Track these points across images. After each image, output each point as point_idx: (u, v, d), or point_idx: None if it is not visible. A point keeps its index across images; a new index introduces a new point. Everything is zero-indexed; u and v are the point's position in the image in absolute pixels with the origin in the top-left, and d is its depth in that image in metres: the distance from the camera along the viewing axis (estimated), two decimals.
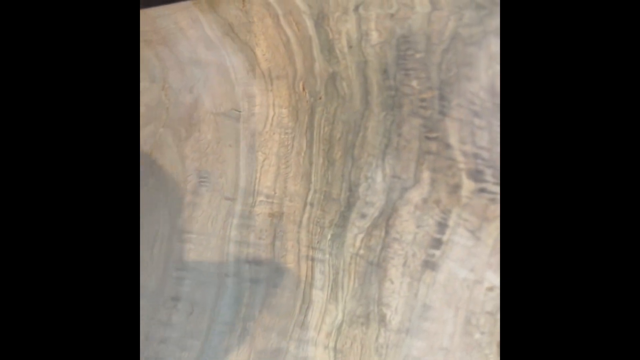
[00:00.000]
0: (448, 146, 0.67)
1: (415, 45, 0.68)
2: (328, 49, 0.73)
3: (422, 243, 0.70)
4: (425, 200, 0.69)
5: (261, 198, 0.77)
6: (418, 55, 0.68)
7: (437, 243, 0.69)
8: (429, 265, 0.69)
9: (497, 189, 0.65)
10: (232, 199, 0.78)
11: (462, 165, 0.67)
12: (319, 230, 0.75)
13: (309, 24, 0.74)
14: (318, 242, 0.75)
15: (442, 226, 0.69)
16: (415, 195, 0.70)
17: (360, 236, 0.73)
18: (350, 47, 0.72)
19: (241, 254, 0.77)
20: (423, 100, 0.69)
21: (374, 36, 0.70)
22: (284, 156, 0.77)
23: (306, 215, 0.76)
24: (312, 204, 0.76)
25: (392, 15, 0.69)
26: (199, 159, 0.79)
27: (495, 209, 0.66)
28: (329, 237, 0.74)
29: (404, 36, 0.69)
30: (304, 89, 0.75)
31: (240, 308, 0.76)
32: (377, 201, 0.72)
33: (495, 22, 0.65)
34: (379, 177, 0.72)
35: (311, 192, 0.76)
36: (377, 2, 0.70)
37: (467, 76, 0.66)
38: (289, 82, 0.76)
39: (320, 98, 0.75)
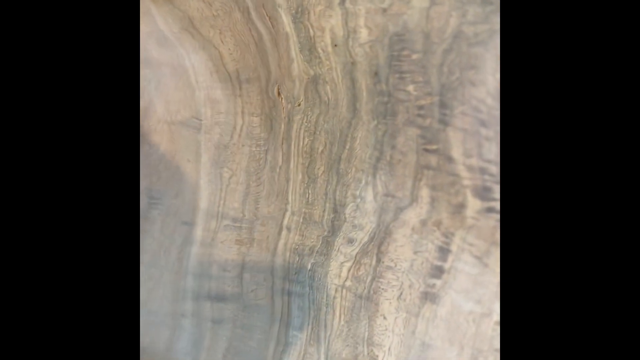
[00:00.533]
0: (450, 160, 0.61)
1: (411, 44, 0.62)
2: (309, 48, 0.66)
3: (421, 272, 0.63)
4: (423, 222, 0.63)
5: (226, 222, 0.71)
6: (415, 56, 0.62)
7: (438, 271, 0.62)
8: (429, 297, 0.63)
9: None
10: (191, 224, 0.71)
11: (466, 182, 0.60)
12: (297, 259, 0.69)
13: (286, 19, 0.66)
14: (296, 273, 0.69)
15: (443, 252, 0.62)
16: (412, 217, 0.63)
17: (347, 265, 0.66)
18: (335, 46, 0.65)
19: (201, 289, 0.70)
20: (421, 107, 0.62)
21: (363, 34, 0.63)
22: (255, 172, 0.70)
23: (282, 242, 0.69)
24: (289, 229, 0.69)
25: (384, 10, 0.62)
26: (149, 176, 0.72)
27: None
28: (309, 267, 0.68)
29: (399, 34, 0.62)
30: (279, 94, 0.68)
31: (199, 354, 0.70)
32: (367, 224, 0.65)
33: None
34: (369, 196, 0.65)
35: (288, 214, 0.69)
36: None
37: (471, 80, 0.59)
38: (261, 86, 0.69)
39: (299, 104, 0.68)
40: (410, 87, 0.62)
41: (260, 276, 0.69)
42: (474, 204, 0.59)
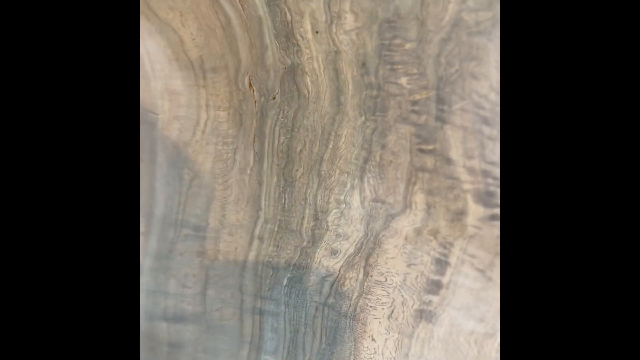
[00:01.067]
0: (449, 161, 0.56)
1: (404, 32, 0.56)
2: (285, 34, 0.59)
3: (415, 287, 0.58)
4: (418, 231, 0.58)
5: (187, 231, 0.65)
6: (408, 46, 0.56)
7: (434, 286, 0.58)
8: (425, 315, 0.58)
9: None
10: (144, 233, 0.65)
11: (467, 186, 0.56)
12: (271, 273, 0.63)
13: (259, 1, 0.59)
14: (269, 289, 0.64)
15: (441, 264, 0.57)
16: (405, 225, 0.58)
17: (330, 280, 0.61)
18: (316, 33, 0.59)
19: (156, 307, 0.64)
20: (415, 102, 0.57)
21: (349, 20, 0.57)
22: (221, 174, 0.64)
23: (253, 254, 0.64)
24: (261, 238, 0.64)
25: None
26: None
27: None
28: (285, 282, 0.63)
29: (389, 21, 0.57)
30: (250, 86, 0.62)
31: None
32: (354, 233, 0.61)
33: None
34: (355, 202, 0.60)
35: (260, 221, 0.64)
36: None
37: (472, 73, 0.55)
38: (229, 76, 0.62)
39: (274, 98, 0.61)
40: (403, 80, 0.57)
41: (227, 293, 0.63)
42: (475, 211, 0.56)
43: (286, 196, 0.62)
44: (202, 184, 0.63)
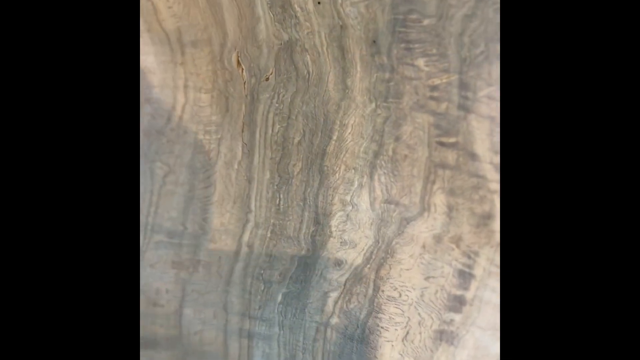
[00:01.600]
0: (473, 156, 0.51)
1: (421, 6, 0.51)
2: (281, 4, 0.53)
3: (435, 303, 0.52)
4: (438, 238, 0.52)
5: (159, 237, 0.58)
6: (426, 22, 0.51)
7: (457, 303, 0.52)
8: (446, 337, 0.53)
9: None
10: None
11: (494, 185, 0.51)
12: (262, 288, 0.57)
13: None
14: (260, 307, 0.57)
15: (465, 277, 0.52)
16: (423, 230, 0.53)
17: (334, 296, 0.56)
18: (318, 3, 0.52)
19: None
20: (434, 87, 0.52)
21: None
22: (202, 169, 0.57)
23: (240, 265, 0.57)
24: (251, 246, 0.57)
25: None
26: None
27: None
28: (279, 298, 0.57)
29: None
30: (239, 64, 0.56)
31: None
32: (362, 240, 0.55)
33: None
34: (364, 203, 0.54)
35: (250, 226, 0.57)
36: None
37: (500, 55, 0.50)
38: (213, 52, 0.55)
39: (267, 79, 0.55)
40: (420, 62, 0.52)
41: (209, 312, 0.57)
42: None
43: (281, 196, 0.57)
44: (178, 181, 0.56)
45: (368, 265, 0.55)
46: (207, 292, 0.56)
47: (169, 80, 0.55)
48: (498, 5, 0.49)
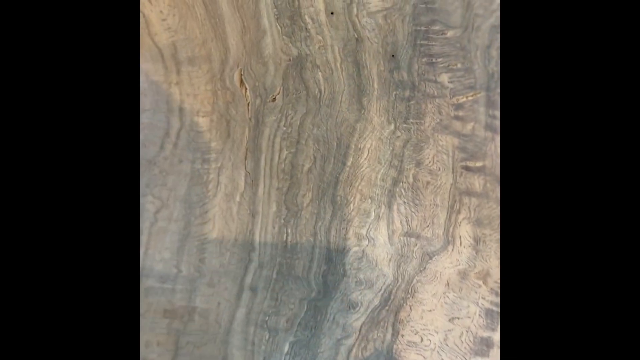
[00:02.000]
0: None
1: (445, 16, 0.47)
2: (290, 15, 0.48)
3: (460, 348, 0.48)
4: (464, 274, 0.48)
5: (150, 282, 0.51)
6: (450, 33, 0.47)
7: (485, 346, 0.48)
8: None
9: None
10: None
11: None
12: (267, 336, 0.51)
13: None
14: (265, 359, 0.51)
15: (493, 317, 0.48)
16: (447, 266, 0.48)
17: (348, 343, 0.50)
18: (331, 14, 0.48)
19: None
20: (459, 106, 0.47)
21: None
22: (199, 202, 0.52)
23: (242, 311, 0.51)
24: (254, 289, 0.51)
25: None
26: None
27: None
28: (286, 348, 0.51)
29: (427, 1, 0.47)
30: (242, 83, 0.51)
31: None
32: (379, 278, 0.50)
33: None
34: (381, 236, 0.49)
35: (253, 266, 0.51)
36: None
37: None
38: (212, 70, 0.51)
39: (273, 99, 0.50)
40: (444, 77, 0.48)
41: None
42: None
43: (289, 231, 0.51)
44: (172, 217, 0.50)
45: (386, 307, 0.50)
46: (204, 344, 0.49)
47: (162, 102, 0.50)
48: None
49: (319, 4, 0.48)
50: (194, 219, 0.52)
